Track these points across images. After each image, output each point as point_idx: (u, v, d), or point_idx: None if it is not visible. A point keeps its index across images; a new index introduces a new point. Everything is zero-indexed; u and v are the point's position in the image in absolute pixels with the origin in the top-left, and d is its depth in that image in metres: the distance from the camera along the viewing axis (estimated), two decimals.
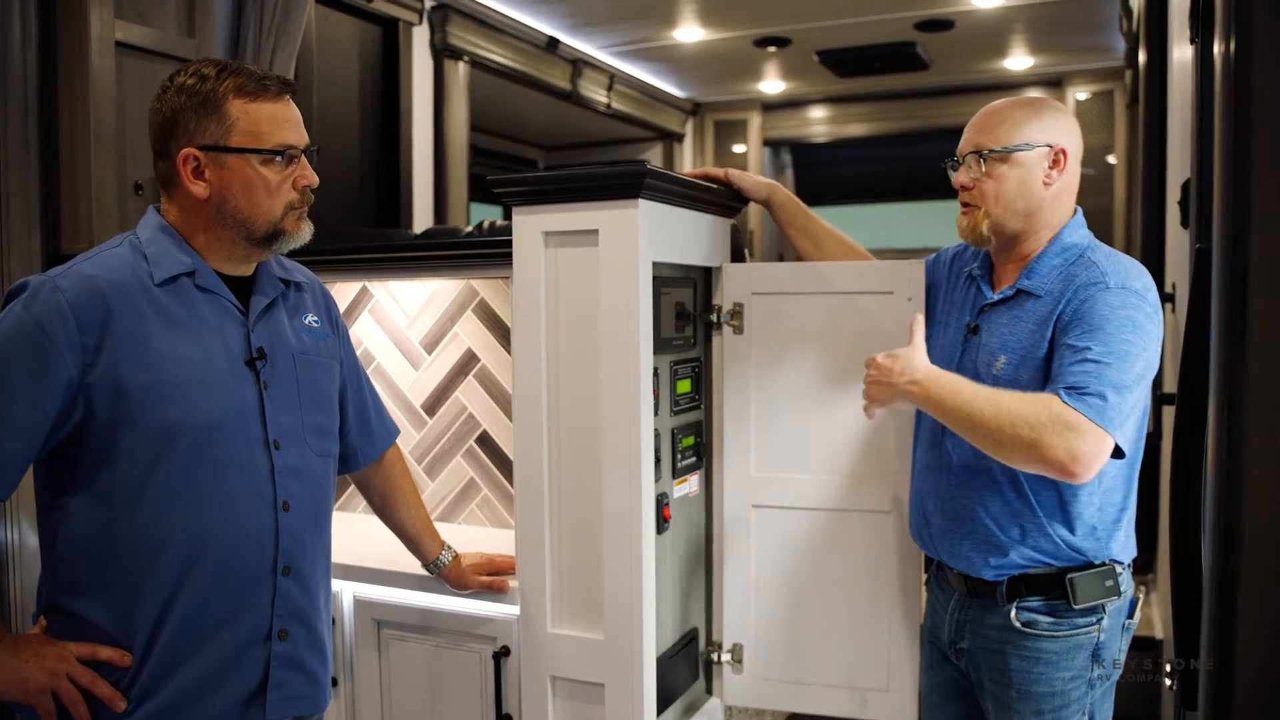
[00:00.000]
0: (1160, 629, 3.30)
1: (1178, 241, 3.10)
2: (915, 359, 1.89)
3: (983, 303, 2.01)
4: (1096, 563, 1.91)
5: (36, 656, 1.55)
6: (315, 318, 1.83)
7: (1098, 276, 1.86)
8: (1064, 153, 1.95)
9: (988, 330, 1.98)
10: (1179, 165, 3.20)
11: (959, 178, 2.00)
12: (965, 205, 2.00)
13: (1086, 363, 1.77)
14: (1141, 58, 4.19)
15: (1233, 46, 1.10)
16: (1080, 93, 6.88)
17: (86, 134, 2.83)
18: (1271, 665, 1.12)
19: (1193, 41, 2.15)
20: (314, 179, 1.70)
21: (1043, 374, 1.87)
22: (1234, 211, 1.11)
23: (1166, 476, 2.18)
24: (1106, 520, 1.91)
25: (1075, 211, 2.00)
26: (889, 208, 8.86)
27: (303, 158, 1.69)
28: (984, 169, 1.95)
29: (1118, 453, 1.78)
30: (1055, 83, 6.99)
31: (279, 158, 1.65)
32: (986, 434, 1.77)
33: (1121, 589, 1.93)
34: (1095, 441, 1.73)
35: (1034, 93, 6.84)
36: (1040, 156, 1.94)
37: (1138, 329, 1.80)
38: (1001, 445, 1.77)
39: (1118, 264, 1.89)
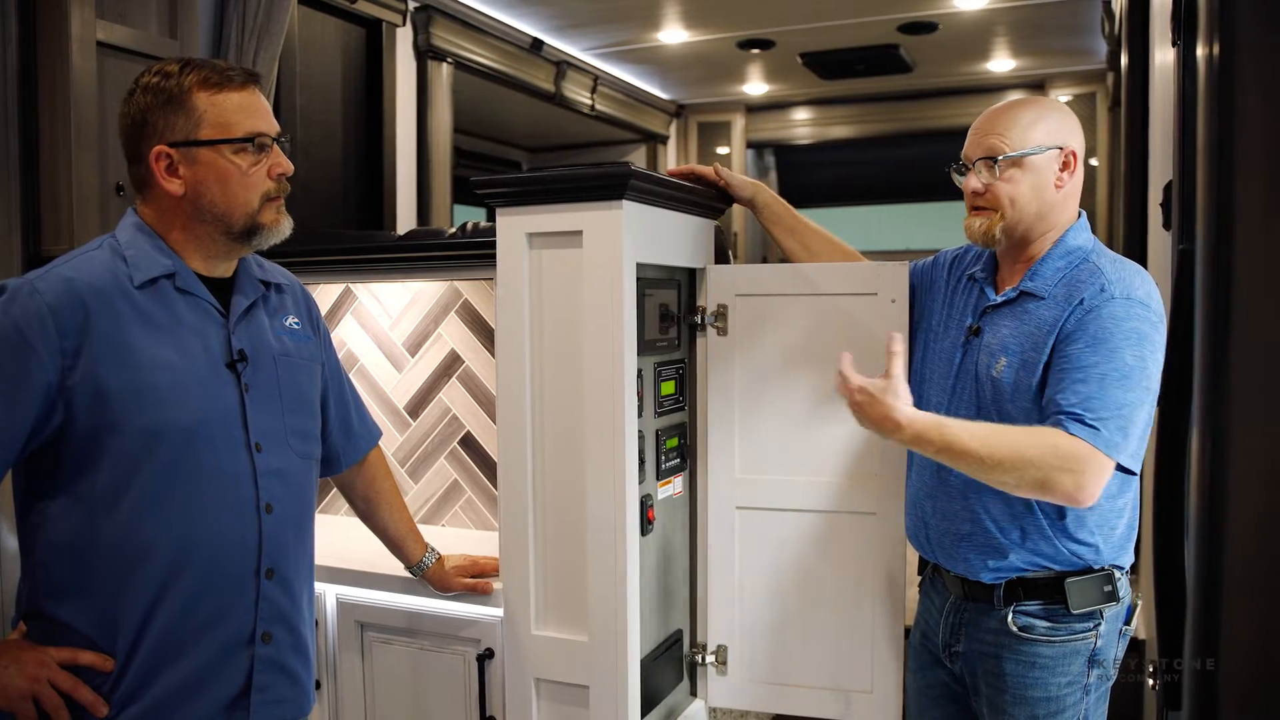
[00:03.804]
0: (1143, 629, 3.32)
1: (1160, 243, 3.12)
2: (892, 404, 1.75)
3: (985, 304, 2.00)
4: (1096, 568, 1.90)
5: (17, 662, 1.53)
6: (296, 319, 1.82)
7: (1103, 284, 1.84)
8: (1074, 154, 1.95)
9: (990, 332, 1.97)
10: (1160, 167, 3.22)
11: (970, 183, 1.96)
12: (977, 209, 1.97)
13: (1090, 382, 1.77)
14: (1123, 60, 4.21)
15: (1215, 49, 1.10)
16: (1062, 95, 6.90)
17: (67, 134, 2.82)
18: (1255, 666, 1.12)
19: (1174, 44, 2.16)
20: (289, 166, 1.69)
21: (1041, 380, 1.85)
22: (1216, 213, 1.11)
23: (1150, 478, 2.19)
24: (1108, 526, 1.90)
25: (1080, 215, 1.99)
26: (872, 210, 8.88)
27: (275, 145, 1.68)
28: (997, 174, 1.93)
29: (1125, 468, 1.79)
30: (1038, 85, 7.00)
31: (250, 145, 1.64)
32: (990, 474, 1.75)
33: (1120, 595, 1.92)
34: (1100, 468, 1.74)
35: (1016, 95, 6.86)
36: (1051, 159, 1.93)
37: (1143, 340, 1.80)
38: (1006, 485, 1.77)
39: (1122, 271, 1.88)
